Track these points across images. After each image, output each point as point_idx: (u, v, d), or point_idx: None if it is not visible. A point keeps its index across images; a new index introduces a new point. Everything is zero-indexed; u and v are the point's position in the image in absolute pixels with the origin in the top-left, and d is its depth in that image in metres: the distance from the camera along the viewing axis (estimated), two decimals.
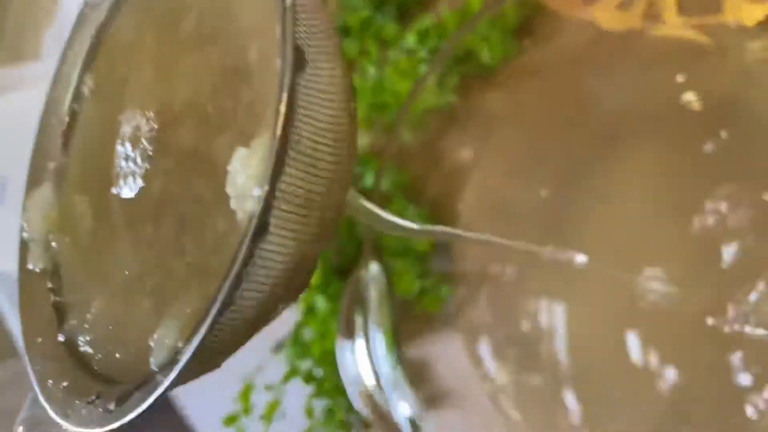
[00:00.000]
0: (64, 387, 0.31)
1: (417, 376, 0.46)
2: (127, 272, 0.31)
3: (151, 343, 0.29)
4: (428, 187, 0.47)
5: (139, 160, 0.31)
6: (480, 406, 0.46)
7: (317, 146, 0.27)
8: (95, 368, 0.31)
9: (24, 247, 0.34)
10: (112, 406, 0.28)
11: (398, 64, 0.51)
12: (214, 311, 0.26)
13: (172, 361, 0.27)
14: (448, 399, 0.46)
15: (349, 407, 0.48)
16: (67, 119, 0.35)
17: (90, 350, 0.31)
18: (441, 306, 0.47)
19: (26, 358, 0.32)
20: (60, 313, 0.33)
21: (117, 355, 0.31)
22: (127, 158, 0.31)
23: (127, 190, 0.32)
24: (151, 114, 0.31)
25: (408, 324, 0.46)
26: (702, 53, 0.41)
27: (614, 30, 0.42)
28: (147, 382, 0.28)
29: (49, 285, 0.33)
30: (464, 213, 0.46)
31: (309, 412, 0.50)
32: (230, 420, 0.52)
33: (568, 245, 0.44)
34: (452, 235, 0.45)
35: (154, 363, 0.28)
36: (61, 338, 0.32)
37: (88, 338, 0.32)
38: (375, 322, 0.44)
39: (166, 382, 0.27)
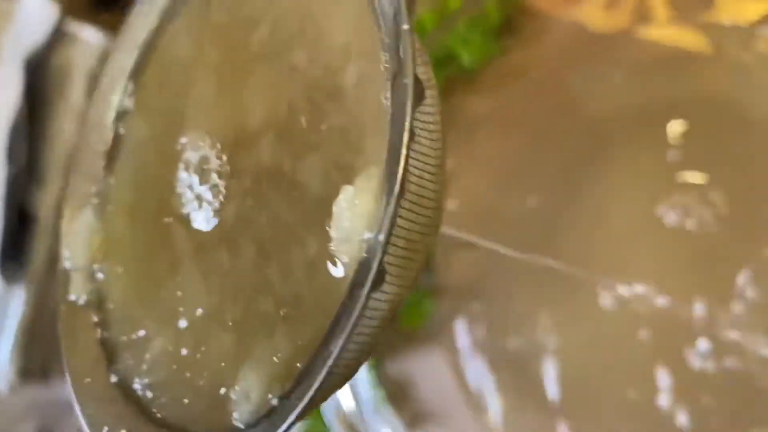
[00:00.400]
0: None
1: (399, 395, 0.44)
2: (196, 308, 0.28)
3: (232, 395, 0.26)
4: None
5: (208, 185, 0.28)
6: (465, 427, 0.44)
7: (423, 182, 0.24)
8: (158, 415, 0.28)
9: (64, 276, 0.31)
10: None
11: None
12: (324, 371, 0.23)
13: (259, 420, 0.24)
14: (431, 419, 0.44)
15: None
16: (111, 138, 0.32)
17: (151, 394, 0.28)
18: (423, 321, 0.45)
19: (74, 401, 0.28)
20: (110, 350, 0.30)
21: (185, 401, 0.27)
22: (192, 185, 0.29)
23: (196, 217, 0.28)
24: (221, 135, 0.28)
25: (389, 340, 0.44)
26: (694, 53, 0.39)
27: (601, 31, 0.40)
28: None
29: (95, 319, 0.30)
30: (448, 221, 0.44)
31: None
32: None
33: (557, 257, 0.42)
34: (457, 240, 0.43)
35: (238, 418, 0.25)
36: (113, 379, 0.29)
37: (148, 381, 0.28)
38: None
39: None
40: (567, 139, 0.42)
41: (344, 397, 0.42)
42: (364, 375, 0.42)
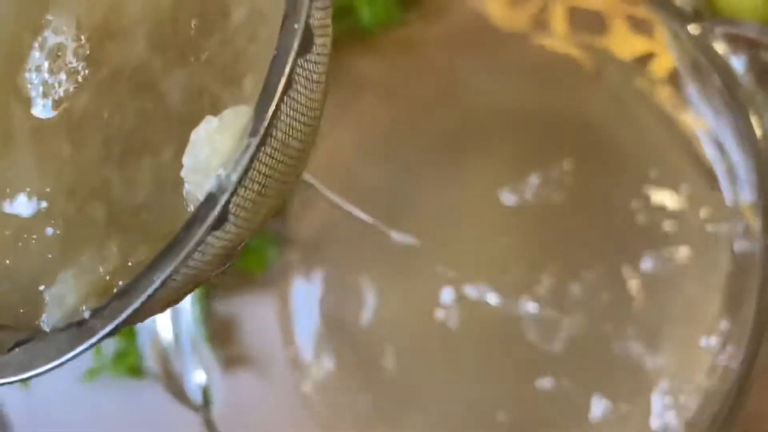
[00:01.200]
0: None
1: (220, 333, 0.43)
2: (27, 191, 0.25)
3: (46, 296, 0.24)
4: None
5: (60, 71, 0.26)
6: (280, 377, 0.44)
7: (292, 132, 0.23)
8: None
9: None
10: None
11: None
12: (142, 298, 0.21)
13: (68, 326, 0.23)
14: (248, 363, 0.44)
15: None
16: None
17: None
18: (264, 267, 0.44)
19: None
20: None
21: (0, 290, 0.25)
22: (42, 68, 0.26)
23: (40, 101, 0.26)
24: (88, 14, 0.26)
25: (222, 277, 0.43)
26: (579, 72, 0.40)
27: (500, 27, 0.41)
28: (31, 339, 0.23)
29: None
30: (310, 173, 0.43)
31: (97, 350, 0.46)
32: None
33: (401, 230, 0.42)
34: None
35: (46, 321, 0.23)
36: None
37: None
38: None
39: (59, 360, 0.22)
40: (441, 121, 0.43)
41: (163, 325, 0.41)
42: (187, 306, 0.41)
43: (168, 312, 0.41)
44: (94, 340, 0.22)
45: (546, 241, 0.40)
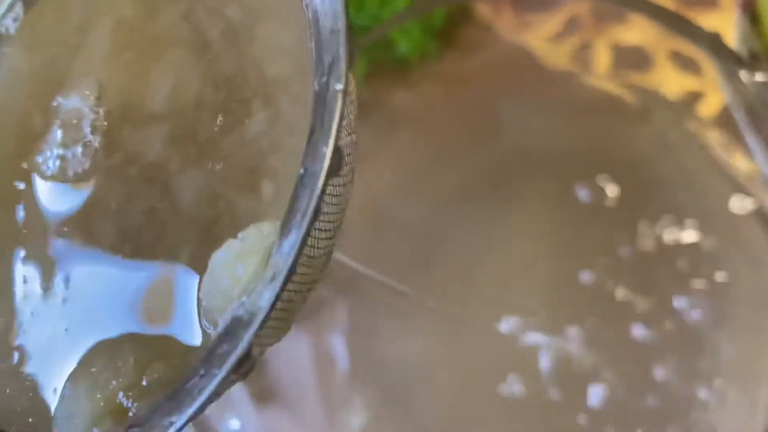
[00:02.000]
0: None
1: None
2: (35, 285, 0.24)
3: (56, 411, 0.22)
4: None
5: (76, 144, 0.24)
6: (312, 414, 0.43)
7: (317, 244, 0.21)
8: None
9: None
10: None
11: None
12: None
13: None
14: (278, 399, 0.43)
15: None
16: None
17: None
18: None
19: None
20: None
21: (7, 391, 0.23)
22: (59, 143, 0.24)
23: (50, 181, 0.24)
24: (109, 99, 0.24)
25: None
26: (623, 111, 0.39)
27: (543, 64, 0.40)
28: None
29: None
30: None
31: None
32: None
33: (435, 271, 0.41)
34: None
35: None
36: None
37: None
38: None
39: None
40: (479, 159, 0.42)
41: None
42: None
43: None
44: None
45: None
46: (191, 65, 0.24)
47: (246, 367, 0.21)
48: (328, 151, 0.19)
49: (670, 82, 0.38)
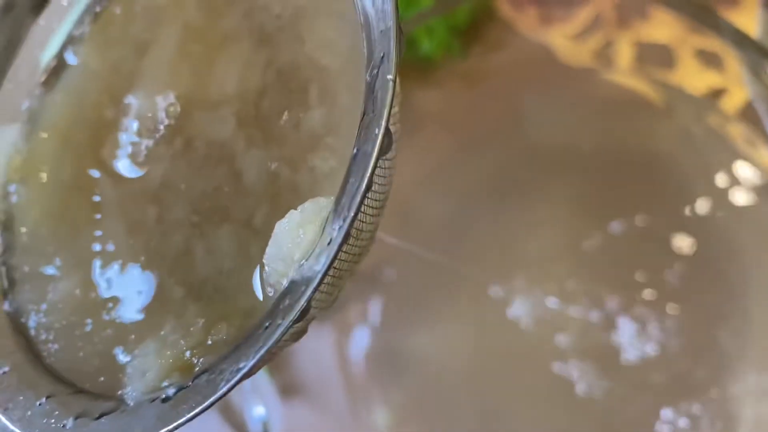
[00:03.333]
0: (4, 372, 0.25)
1: (278, 363, 0.42)
2: (114, 261, 0.26)
3: (128, 367, 0.24)
4: None
5: (148, 134, 0.26)
6: (336, 407, 0.43)
7: (365, 223, 0.23)
8: (48, 360, 0.25)
9: None
10: (68, 423, 0.23)
11: None
12: (228, 385, 0.21)
13: (151, 401, 0.22)
14: (303, 392, 0.43)
15: None
16: (55, 58, 0.28)
17: (44, 336, 0.26)
18: None
19: None
20: (9, 276, 0.27)
21: (80, 354, 0.25)
22: (133, 131, 0.26)
23: (126, 162, 0.26)
24: (179, 87, 0.26)
25: None
26: (647, 107, 0.39)
27: (566, 61, 0.40)
28: (116, 410, 0.23)
29: None
30: None
31: None
32: None
33: (459, 265, 0.41)
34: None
35: (128, 395, 0.23)
36: (6, 307, 0.26)
37: (44, 321, 0.26)
38: None
39: None
40: (504, 156, 0.42)
41: None
42: None
43: None
44: (181, 421, 0.22)
45: (611, 276, 0.39)
46: (253, 57, 0.26)
47: (302, 324, 0.22)
48: (380, 133, 0.21)
49: (694, 78, 0.37)
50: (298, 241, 0.22)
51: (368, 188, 0.21)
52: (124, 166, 0.27)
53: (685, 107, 0.38)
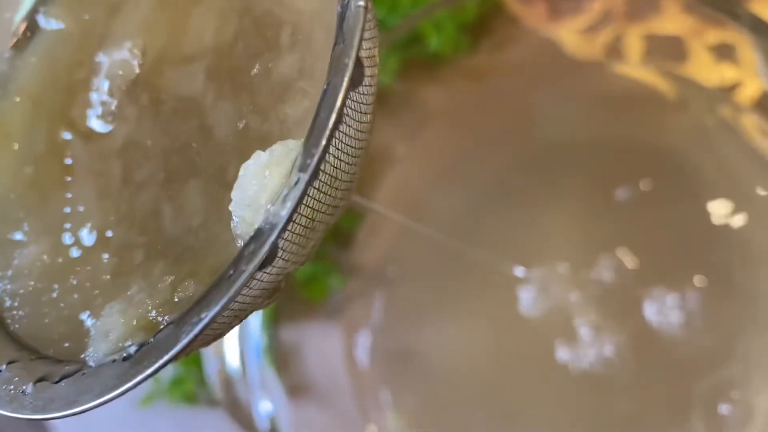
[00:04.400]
0: None
1: (286, 361, 0.42)
2: (84, 225, 0.25)
3: (92, 329, 0.23)
4: None
5: (118, 91, 0.26)
6: (343, 407, 0.42)
7: (340, 166, 0.22)
8: (12, 327, 0.25)
9: None
10: (28, 388, 0.23)
11: None
12: (189, 337, 0.20)
13: (113, 362, 0.22)
14: (313, 392, 0.42)
15: (201, 380, 0.43)
16: (26, 20, 0.28)
17: (9, 302, 0.25)
18: (325, 295, 0.43)
19: None
20: None
21: (45, 320, 0.24)
22: (104, 90, 0.26)
23: (97, 120, 0.26)
24: (150, 44, 0.25)
25: (288, 305, 0.42)
26: (660, 100, 0.38)
27: (574, 56, 0.39)
28: (77, 372, 0.22)
29: None
30: (379, 202, 0.42)
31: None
32: None
33: (469, 261, 0.40)
34: (372, 209, 0.41)
35: (90, 356, 0.22)
36: None
37: (10, 288, 0.25)
38: None
39: (105, 396, 0.21)
40: (514, 152, 0.41)
41: (230, 353, 0.39)
42: (256, 335, 0.40)
43: (236, 340, 0.40)
44: (140, 377, 0.21)
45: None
46: (227, 6, 0.25)
47: (271, 275, 0.21)
48: (350, 63, 0.20)
49: (706, 70, 0.37)
50: (264, 183, 0.21)
51: (338, 122, 0.20)
52: (93, 126, 0.26)
53: (698, 100, 0.38)
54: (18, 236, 0.26)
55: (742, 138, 0.37)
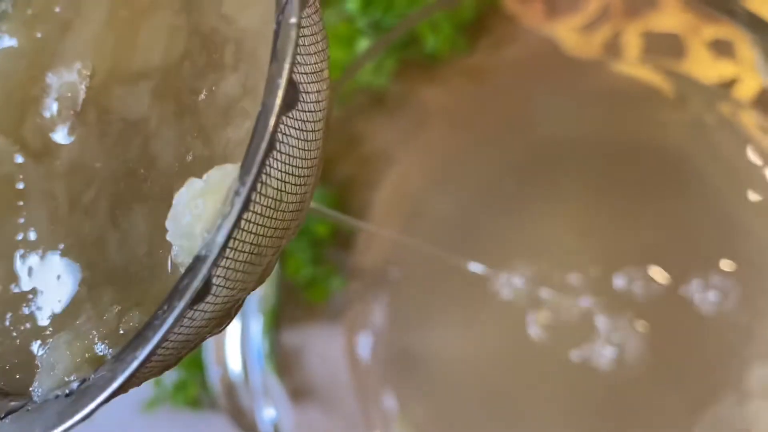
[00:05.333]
0: None
1: (288, 366, 0.41)
2: (31, 249, 0.24)
3: (38, 362, 0.22)
4: (341, 169, 0.42)
5: (67, 117, 0.25)
6: (346, 410, 0.42)
7: (285, 187, 0.21)
8: None
9: None
10: None
11: (335, 29, 0.46)
12: (126, 374, 0.19)
13: (56, 397, 0.21)
14: (316, 396, 0.42)
15: (205, 384, 0.43)
16: None
17: None
18: (326, 297, 0.43)
19: None
20: None
21: None
22: (53, 110, 0.25)
23: (47, 145, 0.25)
24: (99, 61, 0.25)
25: (289, 309, 0.42)
26: (659, 98, 0.38)
27: (572, 54, 0.39)
28: (22, 407, 0.22)
29: None
30: (376, 205, 0.42)
31: (156, 381, 0.44)
32: None
33: (472, 261, 0.40)
34: (361, 227, 0.40)
35: (35, 391, 0.22)
36: None
37: None
38: (255, 303, 0.40)
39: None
40: (513, 152, 0.41)
41: (232, 359, 0.39)
42: (257, 340, 0.40)
43: (237, 347, 0.39)
44: (78, 417, 0.20)
45: (626, 268, 0.38)
46: (176, 23, 0.24)
47: (212, 306, 0.20)
48: (282, 83, 0.19)
49: (705, 67, 0.36)
50: (197, 213, 0.20)
51: (271, 147, 0.19)
52: (43, 148, 0.25)
53: (697, 97, 0.37)
54: None
55: (742, 134, 0.36)
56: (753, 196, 0.37)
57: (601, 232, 0.39)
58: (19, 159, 0.25)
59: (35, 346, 0.23)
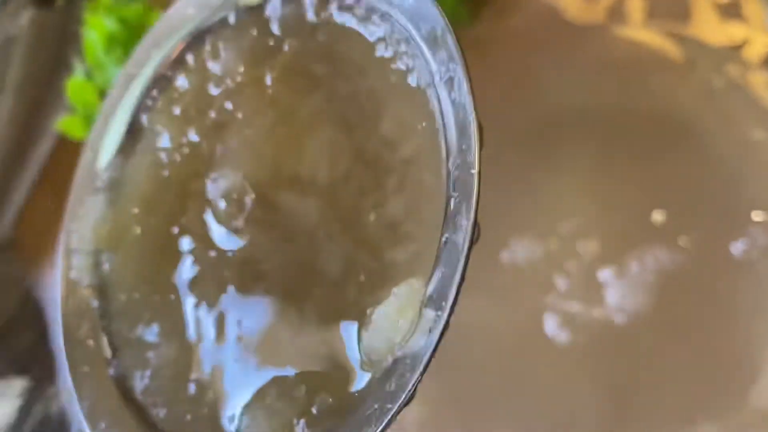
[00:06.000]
0: None
1: None
2: (205, 331, 0.26)
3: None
4: None
5: (234, 215, 0.26)
6: None
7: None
8: (160, 426, 0.25)
9: (67, 255, 0.28)
10: None
11: None
12: None
13: None
14: None
15: None
16: (129, 124, 0.28)
17: (150, 400, 0.26)
18: None
19: (71, 386, 0.26)
20: (111, 343, 0.27)
21: (187, 417, 0.25)
22: (219, 207, 0.26)
23: (221, 237, 0.26)
24: (259, 175, 0.26)
25: None
26: (665, 61, 0.37)
27: (576, 21, 0.38)
28: None
29: (96, 304, 0.27)
30: None
31: None
32: None
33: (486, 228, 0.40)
34: None
35: None
36: (111, 372, 0.26)
37: (148, 385, 0.26)
38: None
39: None
40: (516, 122, 0.40)
41: None
42: None
43: None
44: None
45: (635, 237, 0.37)
46: (338, 143, 0.26)
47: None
48: (469, 225, 0.22)
49: (712, 29, 0.36)
50: (398, 327, 0.22)
51: (463, 278, 0.22)
52: (213, 237, 0.27)
53: (705, 59, 0.37)
54: (150, 337, 0.26)
55: (751, 96, 0.36)
56: (762, 158, 0.36)
57: (610, 199, 0.38)
58: (186, 242, 0.27)
59: (225, 418, 0.25)
